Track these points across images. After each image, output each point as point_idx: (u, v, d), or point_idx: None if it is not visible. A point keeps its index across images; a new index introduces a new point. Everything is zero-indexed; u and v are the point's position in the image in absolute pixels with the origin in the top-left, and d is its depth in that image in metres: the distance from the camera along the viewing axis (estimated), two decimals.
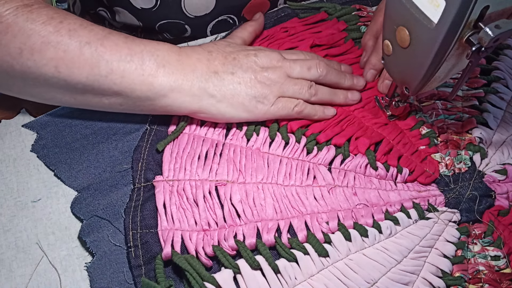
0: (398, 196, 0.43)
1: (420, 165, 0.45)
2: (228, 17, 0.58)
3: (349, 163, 0.44)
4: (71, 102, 0.42)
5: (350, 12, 0.54)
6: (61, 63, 0.38)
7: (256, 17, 0.52)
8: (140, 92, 0.40)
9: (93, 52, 0.39)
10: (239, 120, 0.44)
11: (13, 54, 0.38)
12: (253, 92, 0.43)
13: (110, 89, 0.40)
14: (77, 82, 0.39)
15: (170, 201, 0.41)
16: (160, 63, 0.41)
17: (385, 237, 0.40)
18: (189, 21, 0.57)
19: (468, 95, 0.49)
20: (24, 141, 0.45)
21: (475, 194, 0.43)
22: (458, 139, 0.46)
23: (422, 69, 0.38)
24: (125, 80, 0.40)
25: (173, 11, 0.55)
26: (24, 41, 0.38)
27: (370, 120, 0.47)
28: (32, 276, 0.38)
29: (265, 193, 0.42)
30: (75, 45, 0.39)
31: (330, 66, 0.47)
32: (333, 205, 0.42)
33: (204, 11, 0.55)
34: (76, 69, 0.39)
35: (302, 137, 0.45)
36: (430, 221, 0.41)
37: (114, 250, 0.39)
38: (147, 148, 0.45)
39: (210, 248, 0.38)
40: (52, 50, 0.38)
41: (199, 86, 0.41)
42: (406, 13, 0.36)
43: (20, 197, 0.42)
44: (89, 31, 0.39)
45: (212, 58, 0.43)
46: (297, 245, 0.39)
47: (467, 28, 0.34)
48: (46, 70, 0.39)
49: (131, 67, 0.40)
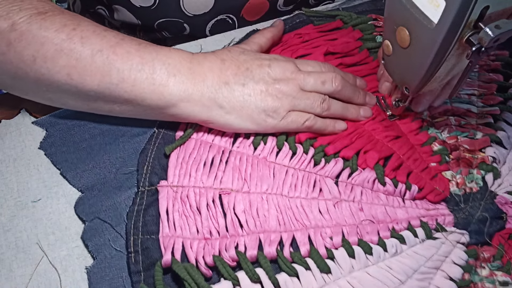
0: (406, 213, 0.42)
1: (430, 182, 0.44)
2: (227, 16, 0.57)
3: (357, 177, 0.43)
4: (84, 107, 0.43)
5: (366, 21, 0.53)
6: (73, 71, 0.39)
7: (276, 24, 0.51)
8: (150, 101, 0.40)
9: (105, 60, 0.39)
10: (247, 131, 0.44)
11: (27, 61, 0.38)
12: (263, 105, 0.42)
13: (121, 97, 0.40)
14: (88, 89, 0.40)
15: (173, 208, 0.40)
16: (171, 72, 0.40)
17: (390, 255, 0.39)
18: (188, 20, 0.56)
19: (483, 112, 0.48)
20: (24, 141, 0.45)
21: (485, 215, 0.42)
22: (471, 157, 0.45)
23: (422, 69, 0.38)
24: (136, 88, 0.40)
25: (171, 10, 0.55)
26: (37, 49, 0.38)
27: (381, 133, 0.46)
28: (32, 276, 0.38)
29: (269, 204, 0.41)
30: (87, 52, 0.39)
31: (345, 80, 0.45)
32: (338, 220, 0.41)
33: (203, 10, 0.55)
34: (88, 76, 0.39)
35: (310, 148, 0.45)
36: (438, 242, 0.40)
37: (115, 254, 0.39)
38: (153, 151, 0.44)
39: (211, 258, 0.38)
40: (64, 58, 0.38)
41: (209, 96, 0.41)
42: (406, 13, 0.35)
43: (20, 197, 0.42)
44: (101, 38, 0.40)
45: (224, 68, 0.42)
46: (299, 259, 0.38)
47: (467, 28, 0.34)
48: (59, 77, 0.39)
49: (142, 76, 0.40)
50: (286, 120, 0.43)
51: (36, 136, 0.46)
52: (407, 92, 0.42)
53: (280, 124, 0.43)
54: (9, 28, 0.38)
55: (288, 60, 0.45)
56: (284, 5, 0.58)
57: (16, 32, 0.38)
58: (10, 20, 0.38)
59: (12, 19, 0.38)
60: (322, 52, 0.50)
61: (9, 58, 0.38)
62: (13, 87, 0.42)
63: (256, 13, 0.58)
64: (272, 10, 0.59)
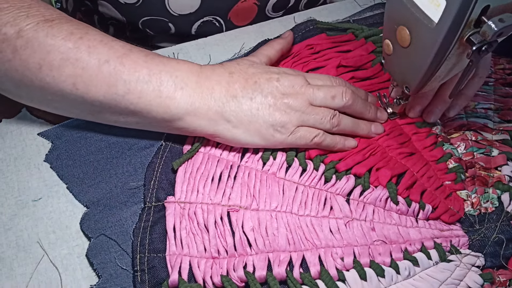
0: (419, 234, 0.41)
1: (444, 202, 0.42)
2: (214, 18, 0.57)
3: (369, 195, 0.42)
4: (88, 117, 0.42)
5: (377, 33, 0.52)
6: (79, 80, 0.38)
7: (285, 35, 0.50)
8: (156, 114, 0.40)
9: (111, 71, 0.38)
10: (254, 146, 0.43)
11: (32, 69, 0.38)
12: (271, 120, 0.41)
13: (127, 109, 0.40)
14: (94, 99, 0.39)
15: (180, 225, 0.39)
16: (178, 85, 0.39)
17: (403, 278, 0.38)
18: (172, 19, 0.56)
19: (499, 128, 0.47)
20: (24, 140, 0.45)
21: (501, 237, 0.40)
22: (486, 176, 0.44)
23: (423, 68, 0.37)
24: (142, 101, 0.39)
25: (156, 8, 0.54)
26: (43, 57, 0.37)
27: (395, 150, 0.45)
28: (32, 275, 0.38)
29: (279, 222, 0.40)
30: (94, 62, 0.38)
31: (356, 94, 0.44)
32: (349, 240, 0.40)
33: (188, 10, 0.54)
34: (94, 87, 0.38)
35: (320, 164, 0.43)
36: (452, 264, 0.39)
37: (121, 273, 0.38)
38: (160, 165, 0.43)
39: (218, 278, 0.37)
40: (70, 67, 0.38)
41: (216, 110, 0.40)
42: (407, 13, 0.35)
43: (20, 196, 0.42)
44: (109, 48, 0.39)
45: (232, 81, 0.41)
46: (309, 281, 0.37)
47: (468, 27, 0.33)
48: (64, 86, 0.38)
49: (148, 88, 0.39)
50: (295, 136, 0.42)
51: (36, 135, 0.45)
52: (408, 92, 0.42)
53: (288, 140, 0.42)
54: (16, 35, 0.37)
55: (298, 74, 0.44)
56: (273, 10, 0.58)
57: (22, 39, 0.37)
58: (17, 26, 0.37)
59: (19, 25, 0.37)
60: (335, 65, 0.49)
61: (14, 65, 0.38)
62: (18, 95, 0.42)
63: (244, 18, 0.57)
64: (260, 15, 0.59)
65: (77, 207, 0.42)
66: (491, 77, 0.51)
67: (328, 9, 0.57)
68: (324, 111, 0.42)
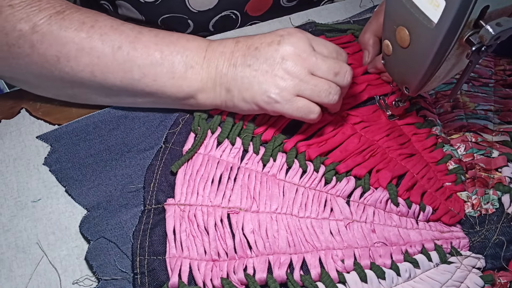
0: (419, 236, 0.41)
1: (445, 203, 0.42)
2: (231, 12, 0.57)
3: (369, 197, 0.42)
4: (107, 101, 0.45)
5: None
6: (96, 69, 0.40)
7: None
8: (171, 93, 0.42)
9: (125, 57, 0.40)
10: (255, 113, 0.43)
11: (51, 61, 0.40)
12: (265, 87, 0.39)
13: (143, 91, 0.42)
14: (112, 85, 0.41)
15: (180, 227, 0.39)
16: (188, 64, 0.41)
17: (403, 280, 0.38)
18: (192, 16, 0.56)
19: (499, 129, 0.47)
20: (24, 141, 0.45)
21: (502, 239, 0.40)
22: (487, 177, 0.44)
23: (422, 69, 0.38)
24: (157, 83, 0.41)
25: (176, 5, 0.55)
26: (60, 49, 0.39)
27: (395, 151, 0.45)
28: (32, 276, 0.38)
29: (279, 224, 0.40)
30: (108, 50, 0.40)
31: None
32: (350, 242, 0.40)
33: (207, 6, 0.55)
34: (111, 73, 0.40)
35: (320, 165, 0.43)
36: (452, 266, 0.39)
37: (120, 276, 0.38)
38: (160, 167, 0.43)
39: (219, 281, 0.37)
40: (86, 56, 0.39)
41: (220, 82, 0.41)
42: (406, 13, 0.35)
43: (20, 197, 0.42)
44: (120, 33, 0.40)
45: (236, 50, 0.41)
46: (309, 283, 0.37)
47: (467, 28, 0.33)
48: (82, 75, 0.40)
49: (162, 70, 0.40)
50: (292, 106, 0.40)
51: (36, 136, 0.45)
52: (407, 92, 0.42)
53: (285, 109, 0.40)
54: (31, 30, 0.39)
55: (303, 38, 0.40)
56: (287, 1, 0.58)
57: (37, 34, 0.39)
58: (31, 22, 0.39)
59: (32, 21, 0.39)
60: None
61: (33, 59, 0.40)
62: (37, 86, 0.44)
63: (259, 9, 0.57)
64: (275, 6, 0.59)
65: (77, 208, 0.42)
66: (491, 79, 0.51)
67: (328, 9, 0.57)
68: (325, 84, 0.40)
